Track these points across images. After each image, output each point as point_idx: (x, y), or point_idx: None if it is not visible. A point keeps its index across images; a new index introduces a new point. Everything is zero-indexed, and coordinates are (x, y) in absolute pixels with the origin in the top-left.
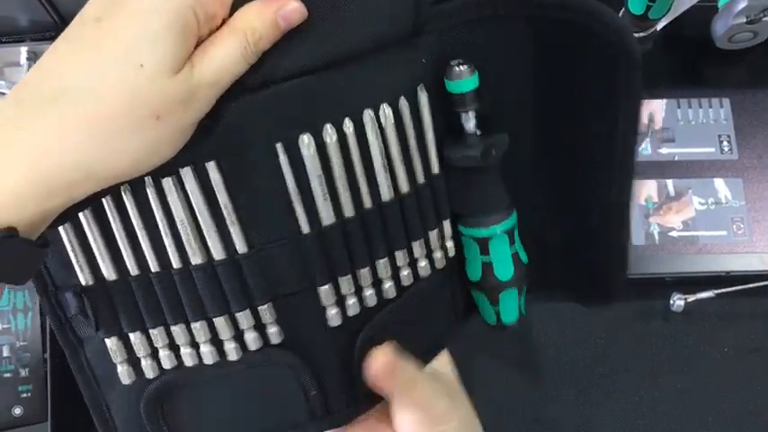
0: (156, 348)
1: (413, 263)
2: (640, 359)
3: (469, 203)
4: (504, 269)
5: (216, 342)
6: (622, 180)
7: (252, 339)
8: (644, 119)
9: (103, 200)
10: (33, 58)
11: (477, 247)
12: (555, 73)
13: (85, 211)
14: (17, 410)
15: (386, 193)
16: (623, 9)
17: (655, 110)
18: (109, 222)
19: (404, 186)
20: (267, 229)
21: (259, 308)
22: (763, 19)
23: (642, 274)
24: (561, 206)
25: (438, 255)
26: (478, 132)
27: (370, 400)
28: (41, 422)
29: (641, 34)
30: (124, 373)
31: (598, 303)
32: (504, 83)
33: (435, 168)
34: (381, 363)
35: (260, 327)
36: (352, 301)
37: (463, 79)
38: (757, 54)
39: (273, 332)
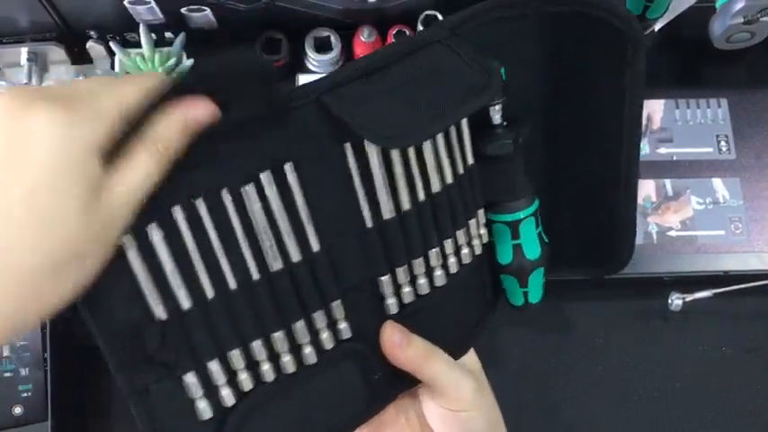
0: (235, 372)
1: (457, 251)
2: (639, 358)
3: (501, 190)
4: (533, 249)
5: (294, 350)
6: (629, 167)
7: (326, 339)
8: (642, 119)
9: (178, 219)
10: (33, 58)
11: (508, 231)
12: (569, 64)
13: (156, 236)
14: (17, 410)
15: (436, 185)
16: None
17: (653, 110)
18: (179, 246)
19: (449, 177)
20: (336, 225)
21: (331, 305)
22: (761, 19)
23: (640, 274)
24: (573, 188)
25: (476, 242)
26: (504, 124)
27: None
28: (41, 421)
29: None
30: (206, 409)
31: (611, 272)
32: (523, 75)
33: (470, 159)
34: (389, 334)
35: (331, 325)
36: (407, 290)
37: None
38: (755, 54)
39: (344, 327)
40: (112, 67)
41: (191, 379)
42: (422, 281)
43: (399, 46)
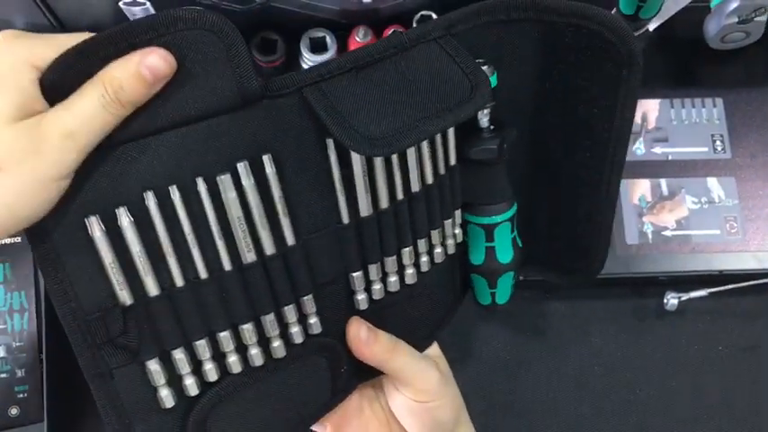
0: (200, 362)
1: (430, 250)
2: (634, 358)
3: (481, 193)
4: (505, 253)
5: (263, 342)
6: (611, 175)
7: (296, 333)
8: (637, 119)
9: (150, 204)
10: None
11: (483, 233)
12: (561, 73)
13: (125, 220)
14: (13, 411)
15: (416, 185)
16: (614, 9)
17: (648, 110)
18: (151, 233)
19: (429, 178)
20: (312, 220)
21: (303, 299)
22: (755, 19)
23: (636, 273)
24: (554, 192)
25: (450, 242)
26: (491, 128)
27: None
28: (38, 422)
29: None
30: (168, 397)
31: (581, 280)
32: (515, 82)
33: (453, 160)
34: (355, 330)
35: (302, 319)
36: (378, 287)
37: None
38: (750, 54)
39: (315, 322)
40: None
41: (154, 366)
42: (393, 278)
43: (393, 41)
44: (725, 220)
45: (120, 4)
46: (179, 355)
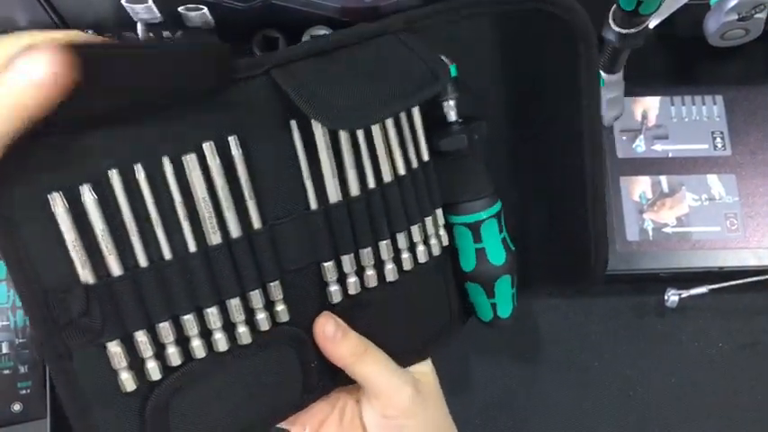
0: (163, 345)
1: (412, 247)
2: (634, 354)
3: (460, 189)
4: (497, 254)
5: (228, 327)
6: (594, 164)
7: (262, 320)
8: (637, 116)
9: (114, 182)
10: None
11: (470, 234)
12: (522, 62)
13: (88, 197)
14: (16, 407)
15: (387, 174)
16: (614, 5)
17: (648, 107)
18: (114, 211)
19: (401, 169)
20: (279, 204)
21: (269, 285)
22: (755, 16)
23: (636, 270)
24: (541, 194)
25: (434, 241)
26: (460, 121)
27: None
28: (41, 419)
29: (632, 30)
30: (129, 380)
31: (583, 287)
32: (480, 75)
33: (425, 156)
34: (322, 324)
35: (268, 306)
36: (353, 280)
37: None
38: (750, 51)
39: (282, 310)
40: None
41: (115, 348)
42: (370, 272)
43: (357, 30)
44: (725, 217)
45: (123, 1)
46: (141, 337)
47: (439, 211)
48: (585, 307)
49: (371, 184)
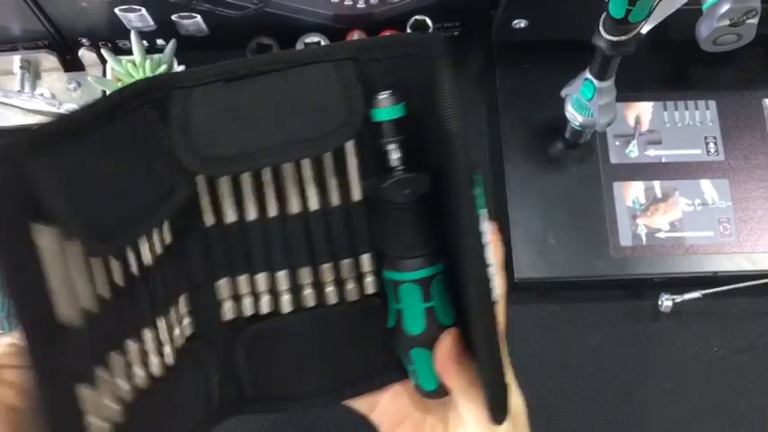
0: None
1: (318, 285)
2: (629, 359)
3: (385, 239)
4: (413, 323)
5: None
6: (474, 261)
7: (177, 335)
8: (631, 121)
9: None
10: (26, 66)
11: (392, 292)
12: (422, 116)
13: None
14: None
15: (294, 206)
16: (604, 13)
17: (641, 112)
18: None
19: (313, 204)
20: (179, 219)
21: (179, 299)
22: (747, 21)
23: (630, 275)
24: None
25: (350, 286)
26: (401, 167)
27: (258, 401)
28: None
29: (622, 38)
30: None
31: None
32: (422, 119)
33: (357, 196)
34: (446, 347)
35: (180, 319)
36: (248, 301)
37: (383, 108)
38: (742, 56)
39: (187, 324)
40: (104, 74)
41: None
42: (265, 298)
43: (284, 55)
44: (718, 221)
45: (116, 10)
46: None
47: (364, 256)
48: (579, 312)
49: (272, 213)
